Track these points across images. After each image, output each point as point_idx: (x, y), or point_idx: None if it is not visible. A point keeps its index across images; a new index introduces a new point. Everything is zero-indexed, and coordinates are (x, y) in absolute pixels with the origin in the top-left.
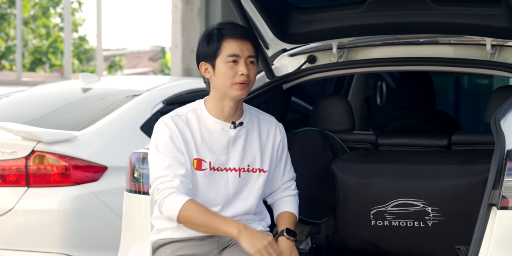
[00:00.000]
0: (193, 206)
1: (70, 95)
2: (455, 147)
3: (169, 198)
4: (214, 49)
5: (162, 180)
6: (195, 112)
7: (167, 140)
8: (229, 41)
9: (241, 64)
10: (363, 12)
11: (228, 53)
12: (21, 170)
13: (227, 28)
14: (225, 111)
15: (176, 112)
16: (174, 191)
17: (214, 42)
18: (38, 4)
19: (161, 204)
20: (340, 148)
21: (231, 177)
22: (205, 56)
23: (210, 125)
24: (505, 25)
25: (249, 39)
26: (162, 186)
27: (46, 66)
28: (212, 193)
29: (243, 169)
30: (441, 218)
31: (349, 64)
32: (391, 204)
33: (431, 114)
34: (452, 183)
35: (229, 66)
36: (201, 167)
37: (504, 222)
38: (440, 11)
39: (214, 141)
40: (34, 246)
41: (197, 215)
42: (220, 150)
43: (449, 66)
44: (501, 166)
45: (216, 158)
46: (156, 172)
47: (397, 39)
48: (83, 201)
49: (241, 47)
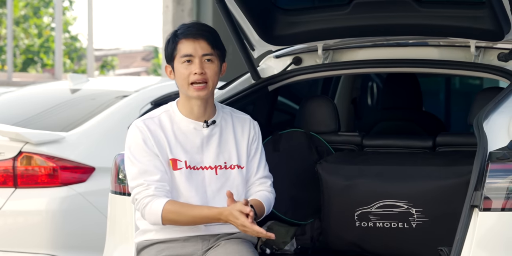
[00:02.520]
0: (172, 206)
1: (59, 96)
2: (439, 149)
3: (148, 207)
4: (171, 51)
5: (138, 190)
6: (168, 113)
7: (140, 143)
8: (183, 41)
9: (195, 63)
10: (348, 14)
11: (182, 53)
12: (9, 171)
13: (181, 29)
14: (195, 111)
15: (149, 115)
16: (151, 199)
17: (170, 44)
18: (29, 4)
19: (143, 213)
20: (326, 150)
21: (207, 175)
22: (166, 58)
23: (183, 125)
24: (488, 27)
25: (203, 37)
26: (140, 196)
27: (38, 65)
28: (191, 191)
29: (219, 166)
30: (425, 220)
31: (334, 65)
32: (376, 205)
33: (417, 115)
34: (436, 185)
35: (184, 66)
36: (177, 166)
37: (486, 223)
38: (425, 13)
39: (188, 140)
40: (22, 246)
41: (180, 215)
42: (194, 149)
43: (434, 68)
44: (483, 167)
45: (191, 157)
46: (132, 181)
47: (383, 40)
48: (71, 202)
49: (194, 46)
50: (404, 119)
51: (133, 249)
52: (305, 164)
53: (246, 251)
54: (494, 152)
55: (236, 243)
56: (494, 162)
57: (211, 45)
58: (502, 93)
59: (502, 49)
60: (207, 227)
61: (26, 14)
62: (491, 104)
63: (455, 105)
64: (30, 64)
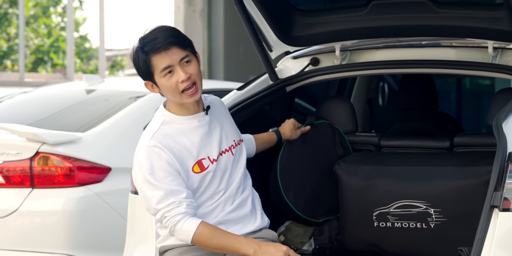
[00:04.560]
0: (206, 230)
1: (74, 97)
2: (457, 149)
3: (179, 225)
4: (146, 69)
5: (168, 208)
6: (166, 122)
7: (163, 165)
8: (156, 57)
9: (177, 71)
10: (366, 15)
11: (160, 68)
12: (26, 171)
13: (148, 45)
14: (191, 108)
15: (152, 130)
16: (183, 217)
17: (142, 62)
18: (38, 4)
19: (173, 230)
20: (348, 147)
21: (227, 159)
22: (143, 76)
23: (188, 124)
24: (506, 28)
25: (172, 44)
26: (170, 214)
27: (48, 65)
28: (215, 183)
29: (233, 145)
30: (443, 220)
31: (352, 66)
32: (394, 205)
33: (433, 116)
34: (454, 185)
35: (167, 78)
36: (204, 166)
37: (506, 223)
38: (443, 14)
39: (200, 135)
40: (39, 246)
41: (211, 240)
42: (208, 139)
43: (452, 68)
44: (503, 168)
45: (210, 148)
46: (159, 203)
47: (399, 41)
48: (87, 202)
49: (169, 56)
50: (420, 119)
51: (153, 249)
52: (332, 156)
53: None
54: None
55: None
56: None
57: (182, 47)
58: None
59: None
60: (228, 227)
61: (35, 13)
62: (510, 104)
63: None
64: (40, 64)
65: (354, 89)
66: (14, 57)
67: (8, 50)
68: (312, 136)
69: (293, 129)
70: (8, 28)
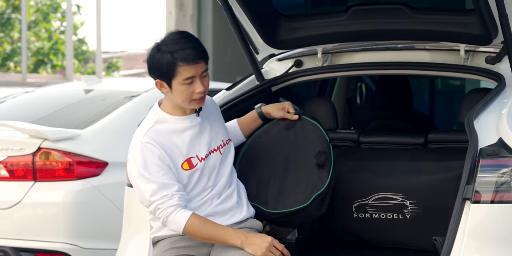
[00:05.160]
0: (196, 221)
1: (73, 96)
2: (431, 145)
3: (172, 216)
4: (170, 72)
5: (161, 200)
6: (159, 120)
7: (155, 160)
8: (184, 66)
9: (196, 82)
10: (346, 20)
11: (184, 77)
12: (29, 165)
13: (179, 53)
14: (186, 110)
15: (145, 128)
16: (175, 209)
17: (168, 66)
18: (39, 10)
19: (165, 221)
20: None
21: (216, 158)
22: (160, 75)
23: (180, 124)
24: (477, 32)
25: (202, 59)
26: (163, 206)
27: (48, 66)
28: (204, 179)
29: (221, 145)
30: (418, 211)
31: (333, 68)
32: (372, 197)
33: (408, 114)
34: (429, 179)
35: (186, 87)
36: (193, 164)
37: (477, 215)
38: (418, 19)
39: (190, 135)
40: (41, 236)
41: (201, 231)
42: (197, 139)
43: (425, 70)
44: (474, 163)
45: (199, 148)
46: (152, 195)
47: (376, 45)
48: (86, 195)
49: (195, 68)
50: (396, 117)
51: (148, 239)
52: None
53: None
54: (484, 149)
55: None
56: (485, 158)
57: (206, 62)
58: (490, 94)
59: (489, 53)
60: (216, 219)
61: (36, 19)
62: (481, 104)
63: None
64: (41, 65)
65: (335, 89)
66: (17, 59)
67: (11, 53)
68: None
69: (278, 108)
70: (11, 32)
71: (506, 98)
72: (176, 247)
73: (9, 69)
